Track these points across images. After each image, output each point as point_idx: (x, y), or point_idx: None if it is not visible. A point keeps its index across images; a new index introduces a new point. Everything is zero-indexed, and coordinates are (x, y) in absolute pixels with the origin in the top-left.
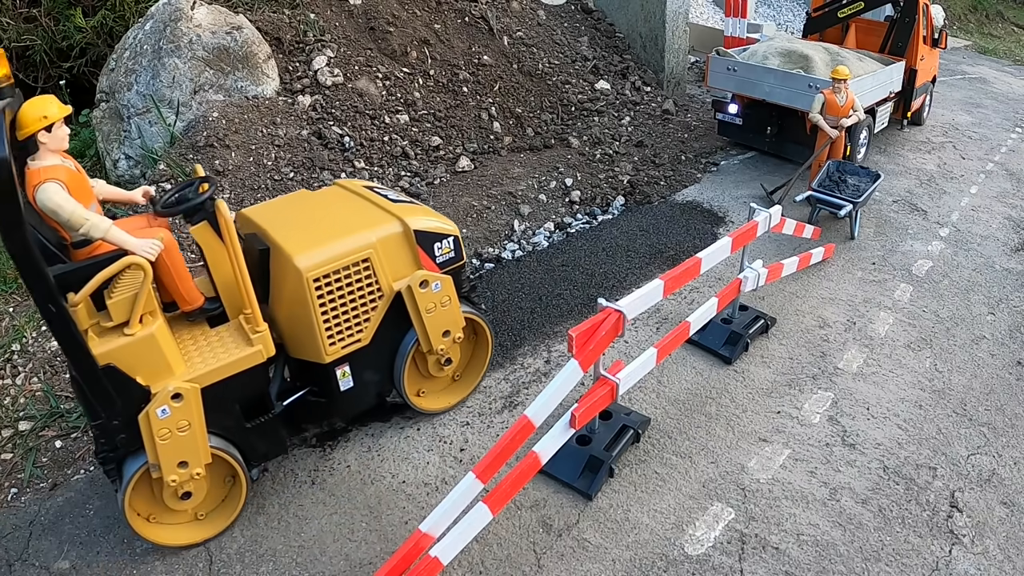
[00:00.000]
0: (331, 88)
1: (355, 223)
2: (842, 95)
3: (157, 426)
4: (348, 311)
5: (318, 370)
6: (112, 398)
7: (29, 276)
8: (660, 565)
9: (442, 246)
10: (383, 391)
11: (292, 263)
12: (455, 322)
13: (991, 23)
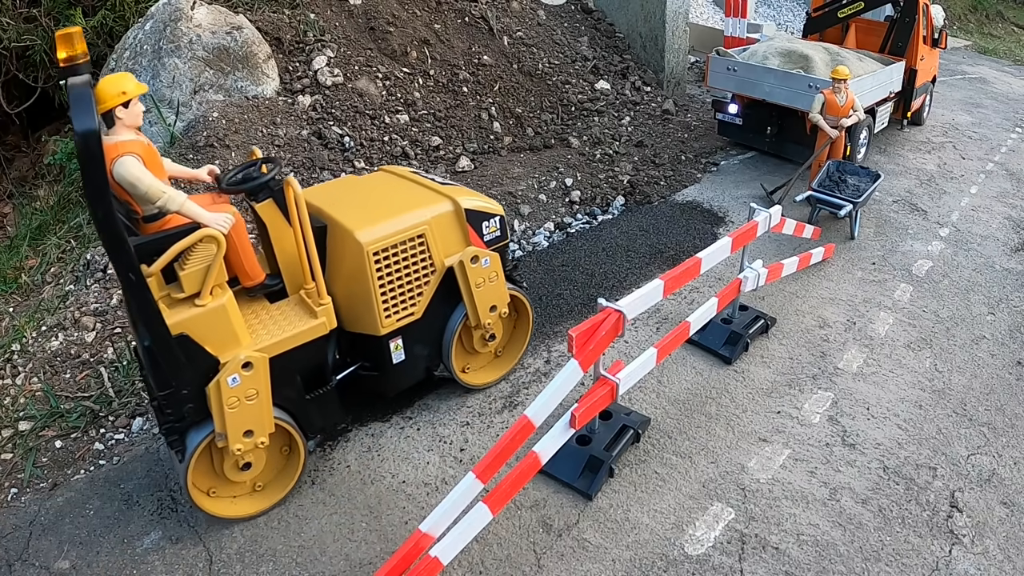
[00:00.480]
0: (331, 88)
1: (408, 202)
2: (842, 95)
3: (227, 394)
4: (403, 285)
5: (372, 343)
6: (183, 367)
7: (112, 244)
8: (660, 565)
9: (489, 225)
10: (431, 365)
11: (353, 237)
12: (501, 297)
13: (991, 23)
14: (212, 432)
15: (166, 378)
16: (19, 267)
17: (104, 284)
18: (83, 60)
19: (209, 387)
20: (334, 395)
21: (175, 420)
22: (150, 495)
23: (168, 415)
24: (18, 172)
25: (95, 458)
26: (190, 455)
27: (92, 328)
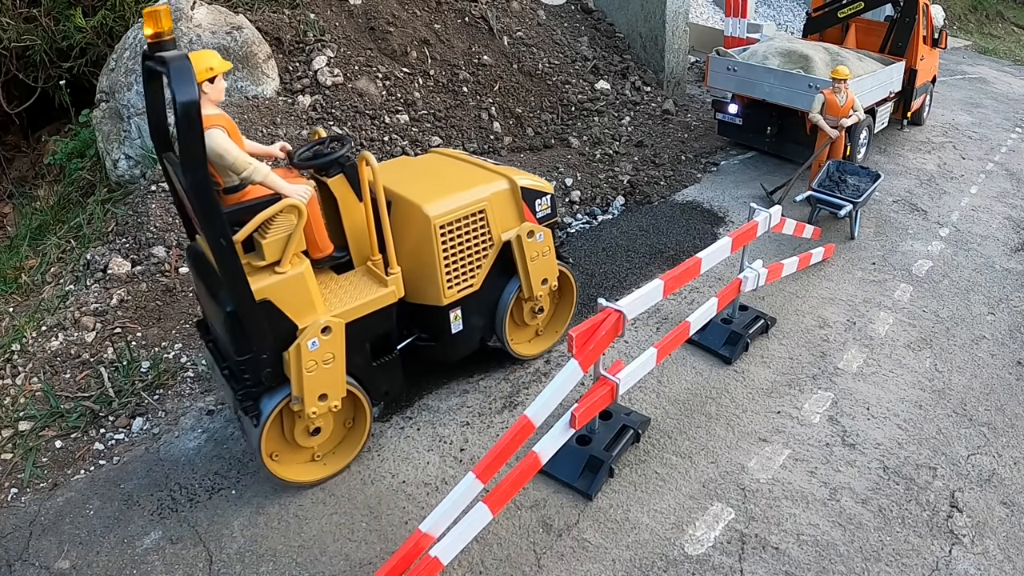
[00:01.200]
0: (331, 88)
1: (468, 180)
2: (842, 95)
3: (306, 358)
4: (464, 258)
5: (433, 313)
6: (264, 332)
7: (206, 209)
8: (660, 565)
9: (541, 203)
10: (485, 335)
11: (422, 211)
12: (552, 271)
13: (991, 23)
14: (287, 396)
15: (247, 343)
16: (19, 267)
17: (104, 284)
18: (169, 37)
19: (289, 351)
20: (398, 362)
21: (252, 385)
22: (150, 495)
23: (246, 380)
24: (18, 172)
25: (95, 458)
26: (265, 419)
27: (92, 328)
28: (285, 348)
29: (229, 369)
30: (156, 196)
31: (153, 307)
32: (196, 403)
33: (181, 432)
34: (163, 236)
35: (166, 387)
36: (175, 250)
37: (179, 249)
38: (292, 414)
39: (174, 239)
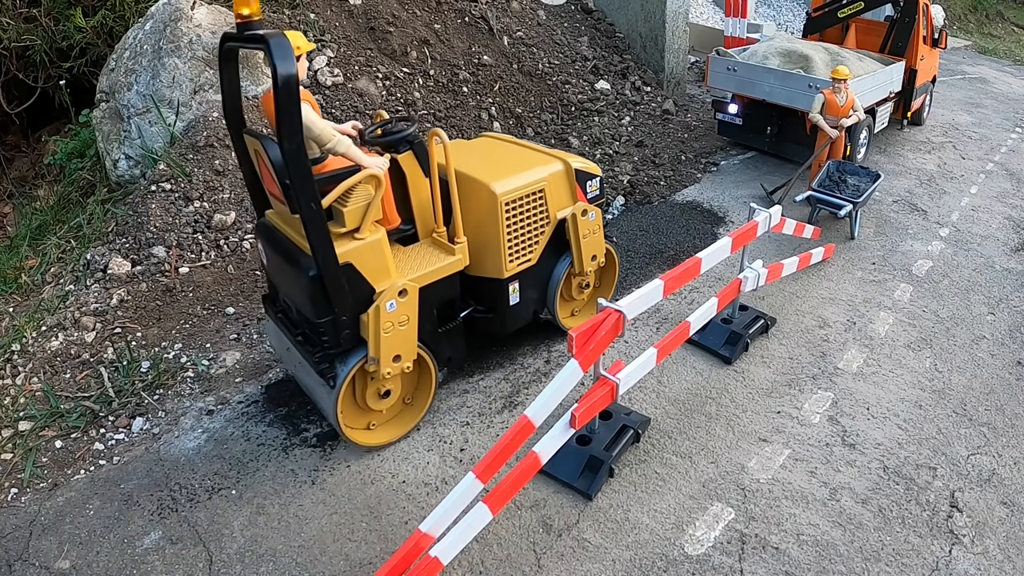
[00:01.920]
0: (331, 88)
1: (526, 162)
2: (842, 95)
3: (384, 319)
4: (524, 234)
5: (493, 285)
6: (345, 295)
7: (300, 176)
8: (660, 565)
9: (592, 184)
10: (537, 309)
11: (488, 189)
12: (600, 248)
13: (991, 23)
14: (363, 358)
15: (328, 306)
16: (19, 267)
17: (104, 284)
18: (257, 18)
19: (368, 312)
20: (461, 330)
21: (330, 347)
22: (150, 495)
23: (324, 342)
24: (18, 172)
25: (95, 458)
26: (342, 381)
27: (92, 328)
28: (362, 311)
29: (304, 335)
30: (156, 196)
31: (153, 307)
32: (196, 403)
33: (181, 432)
34: (163, 236)
35: (166, 387)
36: (175, 250)
37: (179, 249)
38: (364, 378)
39: (174, 239)
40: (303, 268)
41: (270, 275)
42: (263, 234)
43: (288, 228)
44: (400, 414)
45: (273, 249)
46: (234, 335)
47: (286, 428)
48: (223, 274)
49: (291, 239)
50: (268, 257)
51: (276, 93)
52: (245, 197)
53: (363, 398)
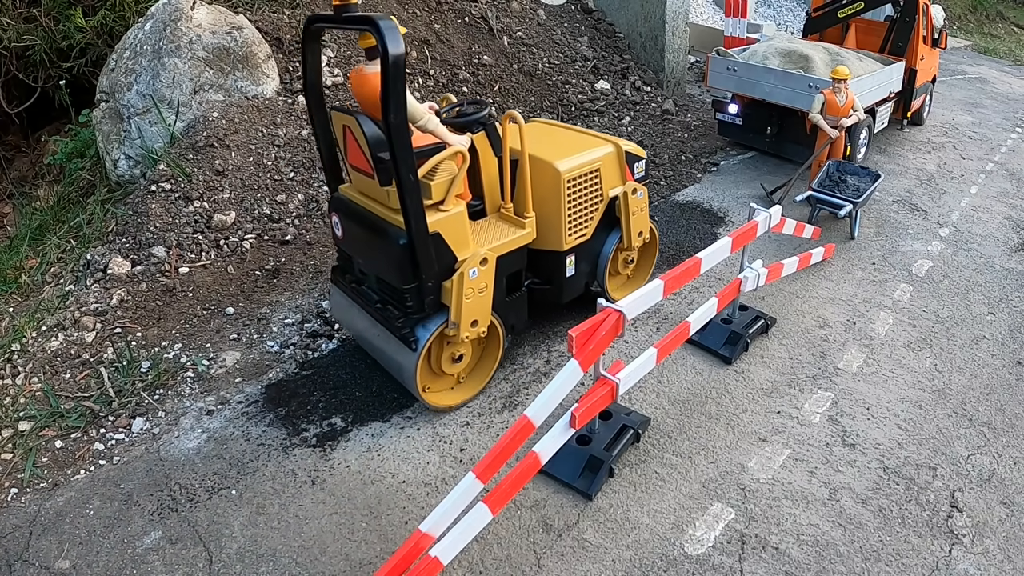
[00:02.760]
0: (331, 88)
1: (582, 144)
2: (842, 95)
3: (467, 285)
4: (581, 210)
5: (553, 258)
6: (432, 262)
7: (402, 148)
8: (660, 565)
9: (639, 166)
10: (588, 281)
11: (552, 167)
12: (646, 225)
13: (991, 23)
14: (443, 323)
15: (415, 272)
16: (19, 267)
17: (104, 284)
18: (354, 1)
19: (452, 278)
20: (524, 299)
21: (414, 312)
22: (150, 495)
23: (408, 308)
24: (18, 172)
25: (95, 458)
26: (424, 344)
27: (92, 328)
28: (445, 279)
29: (384, 302)
30: (156, 196)
31: (153, 307)
32: (196, 403)
33: (181, 432)
34: (163, 236)
35: (166, 387)
36: (175, 250)
37: (179, 249)
38: (440, 343)
39: (174, 239)
40: (392, 237)
41: (345, 247)
42: (339, 208)
43: (369, 201)
44: (467, 380)
45: (352, 221)
46: (234, 335)
47: (286, 428)
48: (223, 274)
49: (373, 211)
50: (344, 229)
51: (385, 71)
52: (245, 197)
53: (437, 362)
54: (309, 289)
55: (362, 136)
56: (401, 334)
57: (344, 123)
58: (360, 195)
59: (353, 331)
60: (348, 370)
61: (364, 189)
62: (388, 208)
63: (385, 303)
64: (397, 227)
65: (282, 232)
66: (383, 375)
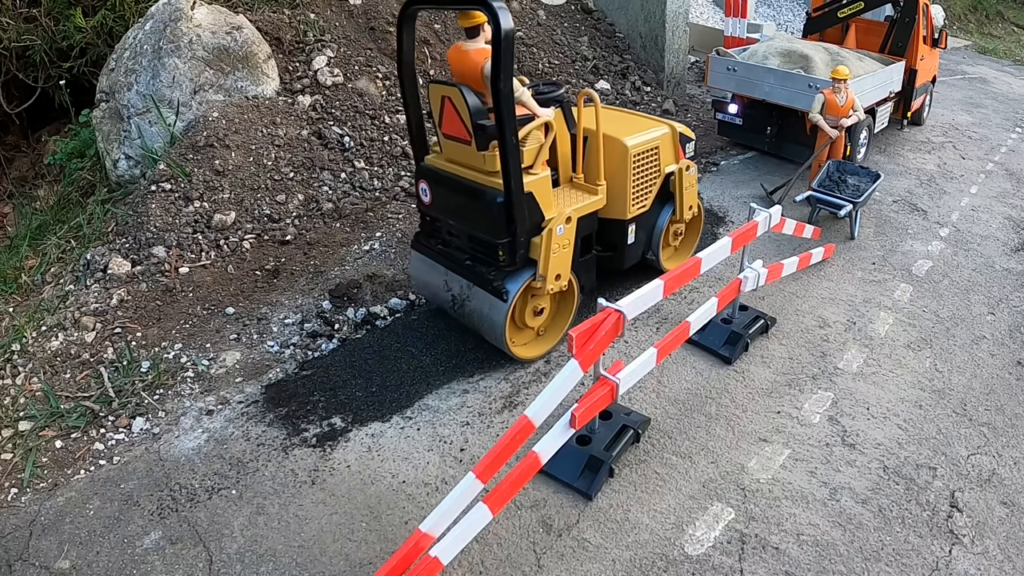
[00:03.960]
0: (331, 88)
1: (642, 124)
2: (842, 95)
3: (554, 241)
4: (643, 183)
5: (617, 226)
6: (525, 219)
7: (508, 114)
8: (660, 565)
9: (689, 147)
10: (644, 250)
11: (621, 142)
12: (695, 200)
13: (991, 23)
14: (531, 277)
15: (510, 228)
16: (19, 267)
17: (104, 284)
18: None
19: (541, 235)
20: (594, 261)
21: (507, 265)
22: (150, 495)
23: (500, 262)
24: (18, 172)
25: (95, 458)
26: (514, 296)
27: (92, 328)
28: (533, 236)
29: (473, 259)
30: (156, 196)
31: (153, 307)
32: (196, 403)
33: (181, 432)
34: (163, 236)
35: (166, 387)
36: (175, 250)
37: (179, 249)
38: (524, 299)
39: (174, 239)
40: (489, 197)
41: (433, 211)
42: (426, 175)
43: (460, 168)
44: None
45: (443, 187)
46: (234, 335)
47: (286, 428)
48: (223, 274)
49: (465, 176)
50: (434, 195)
51: (497, 44)
52: (245, 197)
53: (521, 316)
54: (309, 289)
55: (464, 105)
56: (492, 287)
57: (444, 94)
58: (450, 162)
59: (433, 293)
60: (348, 370)
61: (456, 156)
62: (483, 172)
63: (475, 260)
64: (493, 188)
65: (282, 232)
66: (383, 375)
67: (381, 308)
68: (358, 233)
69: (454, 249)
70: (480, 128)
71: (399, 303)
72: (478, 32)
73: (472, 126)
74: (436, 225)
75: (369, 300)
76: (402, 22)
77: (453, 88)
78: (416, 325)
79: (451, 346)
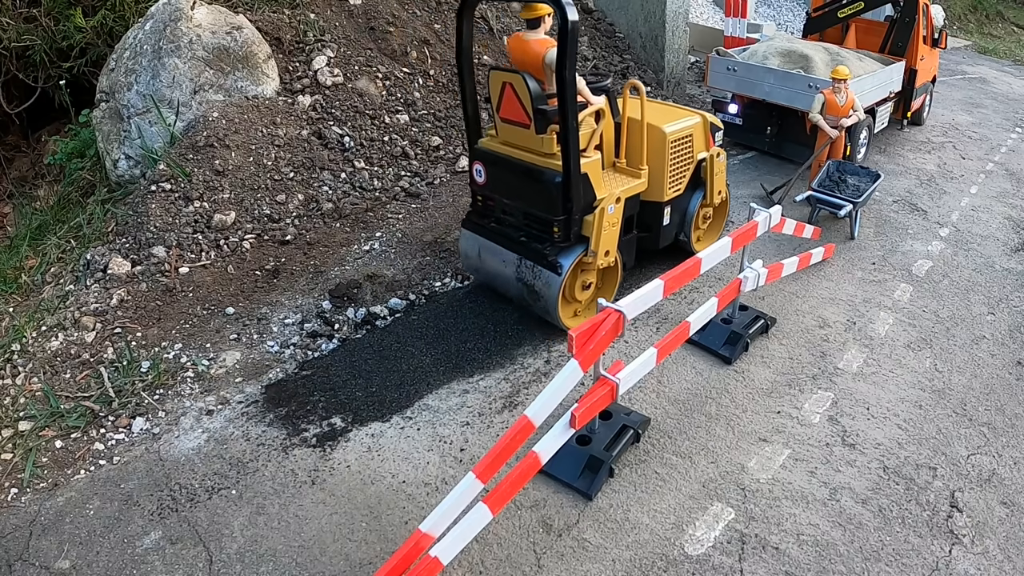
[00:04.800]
0: (331, 88)
1: (677, 114)
2: (842, 95)
3: (606, 219)
4: (678, 168)
5: (654, 208)
6: (580, 198)
7: (571, 99)
8: (660, 565)
9: (718, 135)
10: (677, 233)
11: (659, 129)
12: (723, 186)
13: (991, 23)
14: (583, 252)
15: (567, 205)
16: (19, 267)
17: (104, 284)
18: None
19: (594, 213)
20: (635, 241)
21: (561, 240)
22: (150, 495)
23: (555, 237)
24: (18, 172)
25: (95, 458)
26: (567, 269)
27: (92, 328)
28: (586, 214)
29: (529, 236)
30: (156, 196)
31: (153, 307)
32: (196, 403)
33: (181, 432)
34: (163, 236)
35: (166, 387)
36: (175, 250)
37: (179, 249)
38: (573, 274)
39: (174, 239)
40: (547, 176)
41: (488, 190)
42: (481, 157)
43: (517, 150)
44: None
45: (499, 167)
46: (234, 335)
47: (286, 428)
48: (223, 274)
49: (522, 158)
50: (489, 175)
51: (564, 35)
52: (245, 197)
53: (571, 290)
54: (309, 289)
55: (525, 91)
56: (547, 261)
57: (506, 80)
58: (506, 145)
59: (484, 270)
60: (348, 370)
61: (513, 139)
62: (540, 153)
63: (529, 237)
64: (551, 168)
65: (282, 232)
66: (383, 375)
67: (381, 308)
68: (358, 233)
69: (508, 227)
70: (540, 112)
71: (399, 303)
72: (539, 24)
73: (532, 111)
74: (489, 204)
75: (369, 300)
76: (462, 13)
77: (516, 75)
78: (416, 325)
79: (451, 346)
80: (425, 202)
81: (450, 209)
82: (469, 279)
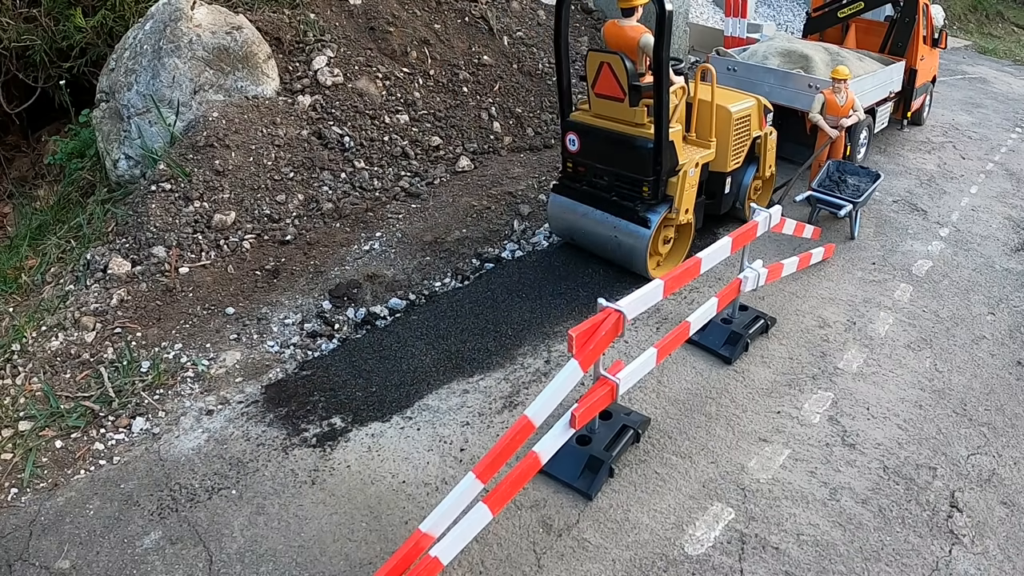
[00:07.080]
0: (331, 88)
1: (737, 96)
2: (842, 95)
3: (688, 181)
4: (739, 142)
5: (717, 177)
6: (666, 162)
7: (666, 76)
8: (660, 565)
9: (769, 116)
10: (733, 201)
11: (726, 108)
12: (773, 161)
13: (991, 23)
14: (667, 209)
15: (657, 168)
16: (19, 267)
17: (104, 284)
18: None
19: (678, 175)
20: (703, 205)
21: (650, 198)
22: (150, 495)
23: (645, 196)
24: (18, 172)
25: (95, 458)
26: (655, 224)
27: (92, 328)
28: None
29: (620, 195)
30: (156, 196)
31: (153, 307)
32: (196, 403)
33: (181, 432)
34: (163, 236)
35: (166, 387)
36: (175, 250)
37: (179, 249)
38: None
39: (174, 239)
40: (640, 143)
41: (581, 157)
42: (575, 128)
43: (609, 121)
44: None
45: (591, 137)
46: (234, 335)
47: (286, 428)
48: (223, 274)
49: (614, 128)
50: (582, 143)
51: (662, 21)
52: (245, 197)
53: (654, 244)
54: (309, 289)
55: (623, 69)
56: (639, 217)
57: (603, 60)
58: (598, 117)
59: (574, 229)
60: (348, 370)
61: (606, 112)
62: (632, 124)
63: (621, 197)
64: (643, 136)
65: (282, 232)
66: (383, 375)
67: (381, 308)
68: (358, 233)
69: (599, 189)
70: (634, 88)
71: (399, 303)
72: (633, 12)
73: (628, 86)
74: (579, 170)
75: (369, 300)
76: (560, 4)
77: (614, 56)
78: (416, 325)
79: (451, 346)
80: (425, 202)
81: (450, 209)
82: (469, 279)
